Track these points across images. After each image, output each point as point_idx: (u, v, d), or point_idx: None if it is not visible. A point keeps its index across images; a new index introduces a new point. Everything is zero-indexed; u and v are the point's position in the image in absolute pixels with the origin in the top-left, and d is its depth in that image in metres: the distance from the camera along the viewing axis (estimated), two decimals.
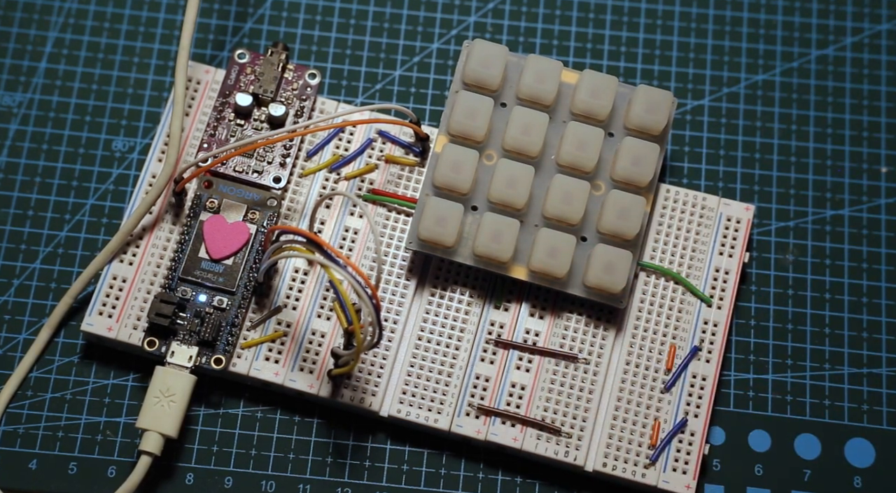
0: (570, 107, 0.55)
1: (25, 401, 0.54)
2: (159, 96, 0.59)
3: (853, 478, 0.54)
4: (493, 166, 0.54)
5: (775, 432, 0.54)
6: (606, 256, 0.53)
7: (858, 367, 0.55)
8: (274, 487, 0.53)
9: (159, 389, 0.52)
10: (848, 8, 0.61)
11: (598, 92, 0.55)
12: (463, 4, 0.61)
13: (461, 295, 0.54)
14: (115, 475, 0.53)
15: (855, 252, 0.57)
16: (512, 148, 0.54)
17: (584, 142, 0.54)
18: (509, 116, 0.55)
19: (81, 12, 0.60)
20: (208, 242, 0.54)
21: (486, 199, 0.54)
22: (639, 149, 0.54)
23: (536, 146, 0.54)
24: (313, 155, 0.56)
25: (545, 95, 0.55)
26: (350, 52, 0.60)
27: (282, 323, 0.54)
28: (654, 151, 0.54)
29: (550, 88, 0.55)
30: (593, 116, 0.55)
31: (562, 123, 0.55)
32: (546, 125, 0.54)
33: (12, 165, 0.58)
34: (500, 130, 0.55)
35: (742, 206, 0.56)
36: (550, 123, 0.55)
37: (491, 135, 0.55)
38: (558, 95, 0.55)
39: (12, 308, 0.55)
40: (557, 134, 0.55)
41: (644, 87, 0.55)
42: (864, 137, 0.59)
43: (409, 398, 0.53)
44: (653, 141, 0.55)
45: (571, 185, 0.53)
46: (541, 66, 0.55)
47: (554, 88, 0.55)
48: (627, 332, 0.54)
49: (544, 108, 0.55)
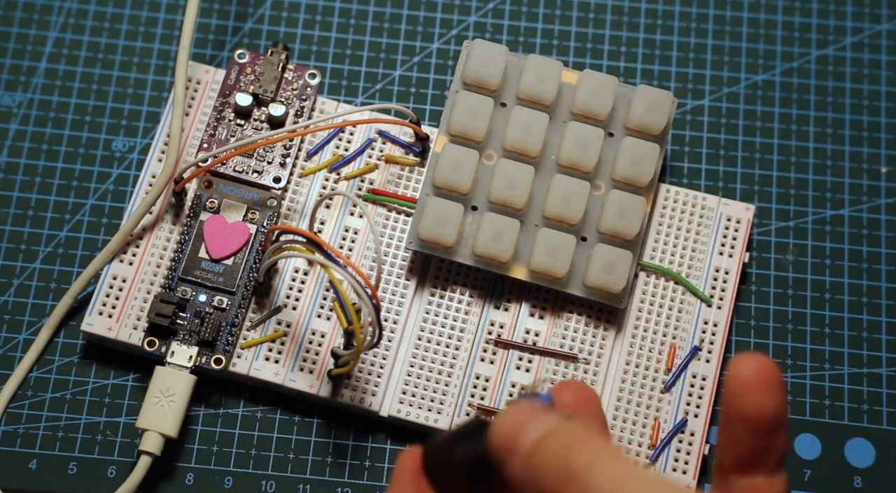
0: (570, 107, 0.55)
1: (25, 401, 0.54)
2: (159, 96, 0.59)
3: (853, 478, 0.54)
4: (493, 166, 0.54)
5: None
6: (606, 256, 0.53)
7: (858, 367, 0.55)
8: (274, 487, 0.53)
9: (159, 389, 0.52)
10: (848, 8, 0.61)
11: (599, 92, 0.55)
12: (463, 4, 0.61)
13: (461, 295, 0.54)
14: (115, 475, 0.53)
15: (855, 252, 0.57)
16: (512, 148, 0.54)
17: (584, 142, 0.54)
18: (509, 116, 0.55)
19: (81, 12, 0.60)
20: (208, 242, 0.54)
21: (486, 199, 0.54)
22: (639, 149, 0.54)
23: (536, 146, 0.54)
24: (313, 155, 0.56)
25: (545, 95, 0.55)
26: (350, 52, 0.60)
27: (282, 323, 0.54)
28: (654, 151, 0.54)
29: (550, 88, 0.54)
30: (593, 116, 0.55)
31: (562, 123, 0.55)
32: (546, 125, 0.54)
33: (12, 165, 0.58)
34: (500, 130, 0.55)
35: (742, 206, 0.56)
36: (550, 123, 0.55)
37: (491, 135, 0.55)
38: (558, 95, 0.55)
39: (12, 308, 0.55)
40: (557, 134, 0.55)
41: (644, 87, 0.55)
42: (863, 137, 0.59)
43: (409, 398, 0.53)
44: (653, 141, 0.55)
45: (571, 185, 0.53)
46: (541, 66, 0.55)
47: (554, 88, 0.55)
48: (627, 332, 0.54)
49: (544, 108, 0.55)
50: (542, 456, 0.36)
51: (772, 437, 0.37)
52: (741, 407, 0.37)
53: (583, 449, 0.36)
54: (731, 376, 0.37)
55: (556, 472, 0.35)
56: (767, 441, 0.37)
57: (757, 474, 0.37)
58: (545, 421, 0.37)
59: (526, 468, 0.36)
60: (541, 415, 0.37)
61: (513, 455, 0.37)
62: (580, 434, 0.36)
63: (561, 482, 0.35)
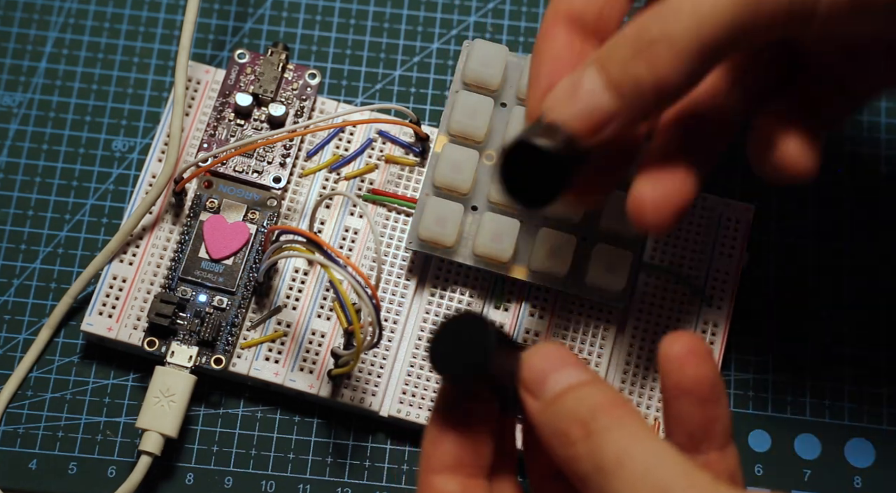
0: None
1: (25, 401, 0.54)
2: (159, 96, 0.59)
3: (853, 478, 0.54)
4: (494, 166, 0.54)
5: (775, 432, 0.54)
6: (606, 256, 0.53)
7: (858, 367, 0.55)
8: (274, 487, 0.53)
9: (159, 389, 0.52)
10: None
11: None
12: (463, 4, 0.61)
13: (461, 295, 0.54)
14: (115, 475, 0.53)
15: (855, 252, 0.57)
16: None
17: None
18: (509, 116, 0.55)
19: (81, 12, 0.60)
20: (208, 242, 0.54)
21: (486, 199, 0.54)
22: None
23: None
24: (313, 155, 0.56)
25: None
26: (350, 52, 0.60)
27: (282, 323, 0.54)
28: None
29: None
30: None
31: None
32: None
33: (12, 165, 0.58)
34: (500, 130, 0.55)
35: (742, 206, 0.56)
36: None
37: (491, 135, 0.55)
38: None
39: (12, 308, 0.56)
40: None
41: None
42: (863, 136, 0.59)
43: (409, 398, 0.53)
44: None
45: None
46: None
47: None
48: (627, 332, 0.54)
49: None
50: (561, 407, 0.38)
51: (714, 406, 0.39)
52: (679, 380, 0.39)
53: (600, 412, 0.38)
54: (664, 355, 0.40)
55: (570, 425, 0.38)
56: (711, 410, 0.39)
57: (709, 450, 0.40)
58: (573, 375, 0.39)
59: (543, 413, 0.39)
60: (571, 367, 0.39)
61: (535, 396, 0.39)
62: (604, 396, 0.38)
63: (573, 436, 0.38)
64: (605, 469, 0.36)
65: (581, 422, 0.38)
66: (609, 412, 0.38)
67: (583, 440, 0.37)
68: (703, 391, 0.39)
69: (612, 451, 0.37)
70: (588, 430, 0.37)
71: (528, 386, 0.39)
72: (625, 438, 0.37)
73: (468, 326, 0.39)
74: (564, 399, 0.38)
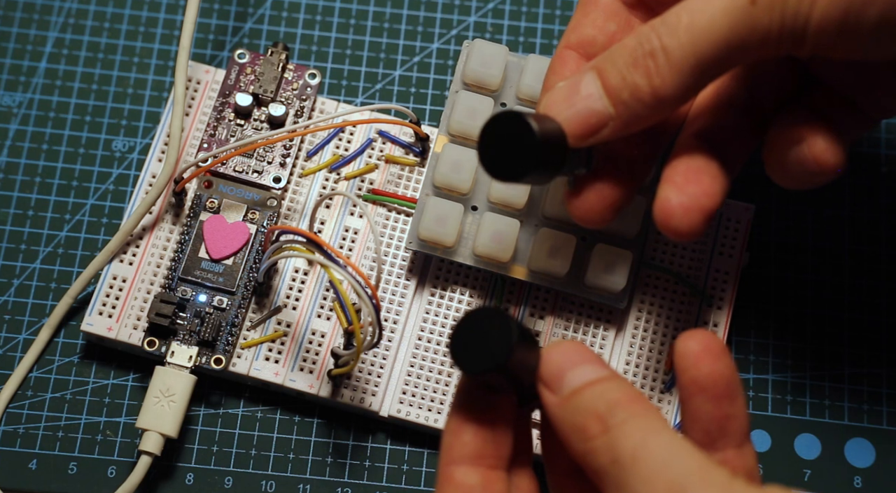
0: None
1: (25, 401, 0.54)
2: (159, 96, 0.59)
3: (853, 478, 0.54)
4: None
5: (776, 432, 0.54)
6: (606, 256, 0.53)
7: (858, 367, 0.55)
8: (274, 487, 0.53)
9: (159, 389, 0.52)
10: None
11: None
12: (463, 4, 0.61)
13: (461, 295, 0.54)
14: (115, 475, 0.53)
15: (855, 252, 0.57)
16: None
17: None
18: None
19: (81, 12, 0.60)
20: (208, 242, 0.54)
21: (486, 199, 0.54)
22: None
23: None
24: (313, 155, 0.56)
25: None
26: (350, 52, 0.60)
27: (282, 323, 0.54)
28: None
29: None
30: None
31: None
32: None
33: (12, 165, 0.58)
34: None
35: (742, 206, 0.56)
36: None
37: None
38: None
39: (12, 308, 0.56)
40: None
41: None
42: (863, 136, 0.59)
43: (409, 398, 0.53)
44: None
45: None
46: (541, 66, 0.55)
47: None
48: (627, 332, 0.54)
49: None
50: (579, 402, 0.39)
51: (731, 403, 0.40)
52: (695, 377, 0.39)
53: (618, 407, 0.38)
54: (679, 352, 0.40)
55: (588, 420, 0.38)
56: (728, 408, 0.39)
57: (726, 447, 0.40)
58: (591, 371, 0.40)
59: (561, 408, 0.39)
60: (589, 364, 0.40)
61: (553, 391, 0.40)
62: (622, 392, 0.39)
63: (590, 431, 0.38)
64: (621, 463, 0.37)
65: (599, 417, 0.38)
66: (626, 407, 0.38)
67: (600, 435, 0.38)
68: (718, 388, 0.39)
69: (628, 445, 0.37)
70: (605, 424, 0.38)
71: (547, 381, 0.40)
72: (642, 432, 0.37)
73: (490, 320, 0.39)
74: (582, 394, 0.39)
